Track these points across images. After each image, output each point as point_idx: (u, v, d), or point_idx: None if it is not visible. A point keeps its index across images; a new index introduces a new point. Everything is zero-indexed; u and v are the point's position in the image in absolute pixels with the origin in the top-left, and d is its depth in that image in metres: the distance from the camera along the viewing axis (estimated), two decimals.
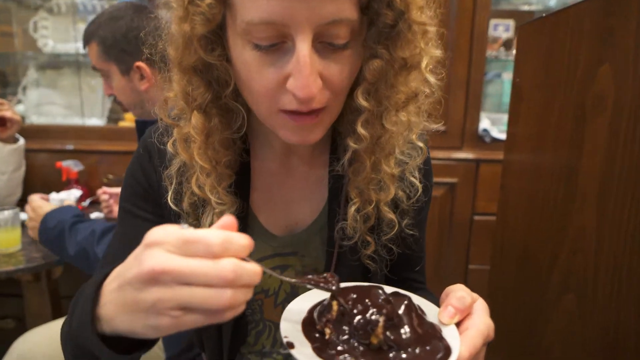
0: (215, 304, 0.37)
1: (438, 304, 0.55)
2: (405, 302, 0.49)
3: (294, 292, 0.72)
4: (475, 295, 0.53)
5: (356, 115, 0.60)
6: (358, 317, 0.46)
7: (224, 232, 0.39)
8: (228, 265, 0.37)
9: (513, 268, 1.11)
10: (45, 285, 1.46)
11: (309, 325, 0.49)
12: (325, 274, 0.48)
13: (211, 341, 0.73)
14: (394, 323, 0.45)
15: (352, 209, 0.66)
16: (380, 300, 0.47)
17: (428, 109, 0.64)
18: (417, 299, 0.54)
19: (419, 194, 0.71)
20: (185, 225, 0.40)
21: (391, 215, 0.68)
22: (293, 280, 0.47)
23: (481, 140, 1.98)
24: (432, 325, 0.50)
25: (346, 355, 0.44)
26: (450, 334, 0.49)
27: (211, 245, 0.38)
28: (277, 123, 0.58)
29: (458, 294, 0.51)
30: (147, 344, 0.50)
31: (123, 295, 0.41)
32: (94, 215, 1.71)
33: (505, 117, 2.13)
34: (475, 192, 1.87)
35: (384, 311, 0.46)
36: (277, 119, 0.57)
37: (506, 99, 2.25)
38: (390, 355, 0.45)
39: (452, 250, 1.96)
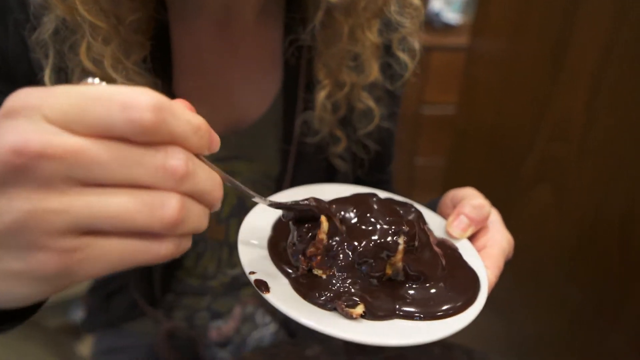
0: (157, 217, 0.21)
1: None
2: (414, 214, 0.35)
3: (242, 204, 0.57)
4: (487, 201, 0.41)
5: None
6: (364, 242, 0.32)
7: (159, 96, 0.21)
8: (176, 154, 0.21)
9: (478, 159, 1.03)
10: None
11: (281, 253, 0.34)
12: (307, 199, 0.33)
13: (137, 269, 0.57)
14: (414, 245, 0.32)
15: (321, 95, 0.49)
16: (388, 218, 0.33)
17: None
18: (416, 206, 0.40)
19: (407, 74, 0.54)
20: (95, 80, 0.22)
21: (370, 103, 0.52)
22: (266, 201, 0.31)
23: (430, 25, 1.80)
24: (444, 241, 0.37)
25: (351, 297, 0.30)
26: (466, 250, 0.37)
27: (140, 111, 0.20)
28: None
29: (475, 201, 0.39)
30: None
31: None
32: None
33: None
34: (426, 82, 1.73)
35: (404, 228, 0.32)
36: None
37: None
38: (410, 291, 0.32)
39: (397, 144, 1.87)
